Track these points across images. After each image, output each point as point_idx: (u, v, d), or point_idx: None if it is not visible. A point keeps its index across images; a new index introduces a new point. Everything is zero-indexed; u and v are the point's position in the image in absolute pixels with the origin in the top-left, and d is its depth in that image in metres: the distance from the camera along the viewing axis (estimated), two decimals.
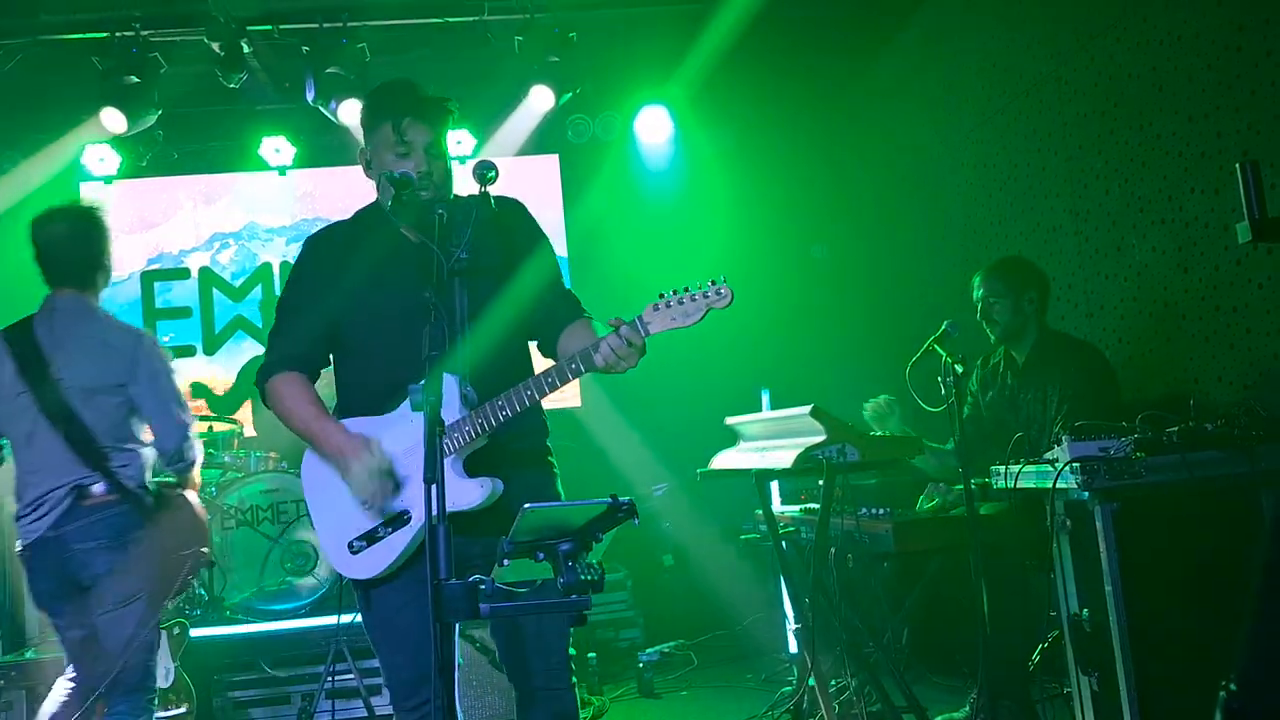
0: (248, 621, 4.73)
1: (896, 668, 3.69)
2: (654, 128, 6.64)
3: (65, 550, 3.11)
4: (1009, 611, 3.29)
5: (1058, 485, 2.77)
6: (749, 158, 6.55)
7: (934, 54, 5.44)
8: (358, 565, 2.34)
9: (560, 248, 6.74)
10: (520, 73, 5.87)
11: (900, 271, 5.97)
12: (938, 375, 3.27)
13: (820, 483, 3.43)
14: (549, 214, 6.80)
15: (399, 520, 2.30)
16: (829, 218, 6.50)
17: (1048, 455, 2.87)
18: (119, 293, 6.69)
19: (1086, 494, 2.73)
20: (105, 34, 5.41)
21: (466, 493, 2.23)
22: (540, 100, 5.93)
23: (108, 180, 6.57)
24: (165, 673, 4.01)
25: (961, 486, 3.24)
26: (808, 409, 3.38)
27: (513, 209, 2.51)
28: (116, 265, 6.51)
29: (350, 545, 2.32)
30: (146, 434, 3.34)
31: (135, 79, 5.42)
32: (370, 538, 2.30)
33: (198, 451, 3.40)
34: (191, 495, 3.42)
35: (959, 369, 3.22)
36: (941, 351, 3.34)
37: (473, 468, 2.29)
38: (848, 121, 6.49)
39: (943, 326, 3.52)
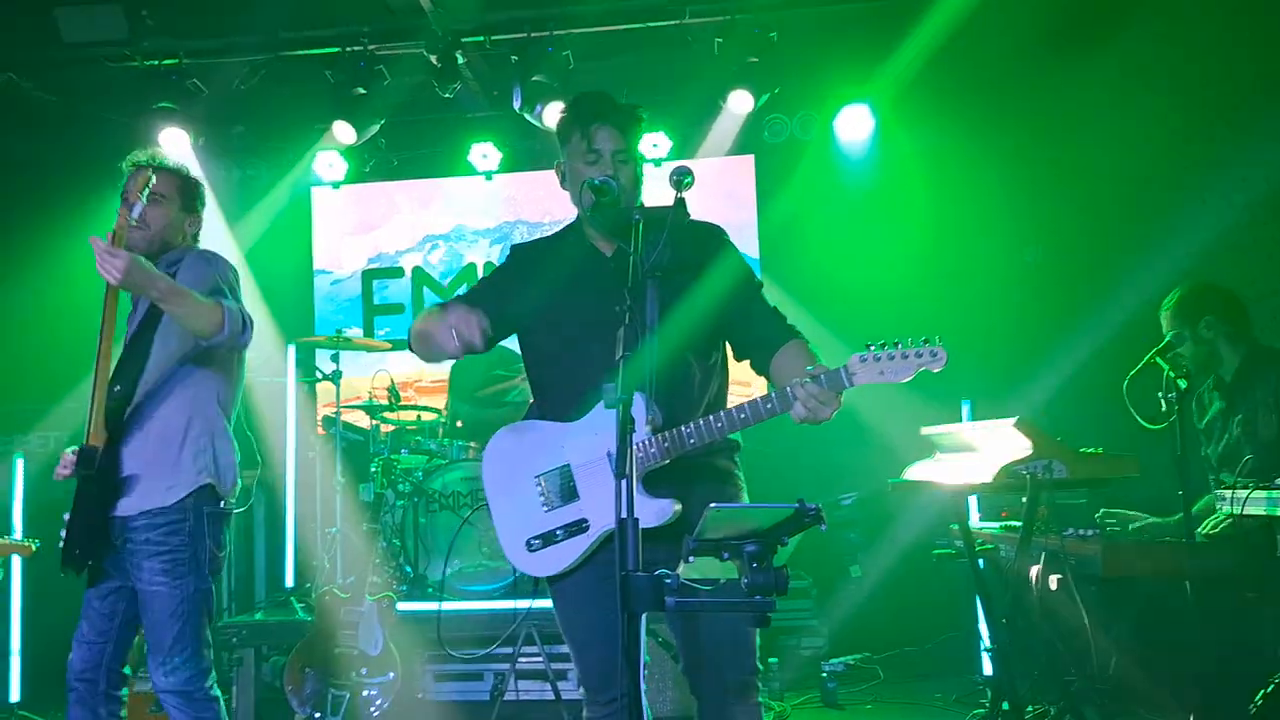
0: (446, 599, 5.00)
1: (1101, 698, 3.46)
2: (855, 126, 6.47)
3: None
4: (1229, 647, 3.02)
5: None
6: (955, 157, 6.26)
7: (1162, 52, 5.06)
8: (534, 563, 2.43)
9: (752, 249, 6.74)
10: (718, 74, 5.89)
11: (1119, 279, 5.57)
12: (1158, 391, 3.05)
13: (1023, 499, 3.27)
14: (742, 214, 6.80)
15: (577, 528, 2.37)
16: (1044, 221, 6.13)
17: None
18: (343, 289, 7.24)
19: None
20: (337, 49, 5.85)
21: (646, 511, 2.20)
22: (739, 104, 5.93)
23: (336, 185, 7.13)
24: (375, 641, 4.33)
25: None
26: (1012, 421, 3.23)
27: (713, 232, 2.55)
28: (342, 263, 7.20)
29: (528, 543, 2.41)
30: None
31: (362, 90, 5.85)
32: (548, 539, 2.39)
33: None
34: None
35: (1182, 384, 3.00)
36: (1164, 365, 3.13)
37: (656, 480, 2.30)
38: (1066, 121, 6.11)
39: (1166, 337, 3.30)
